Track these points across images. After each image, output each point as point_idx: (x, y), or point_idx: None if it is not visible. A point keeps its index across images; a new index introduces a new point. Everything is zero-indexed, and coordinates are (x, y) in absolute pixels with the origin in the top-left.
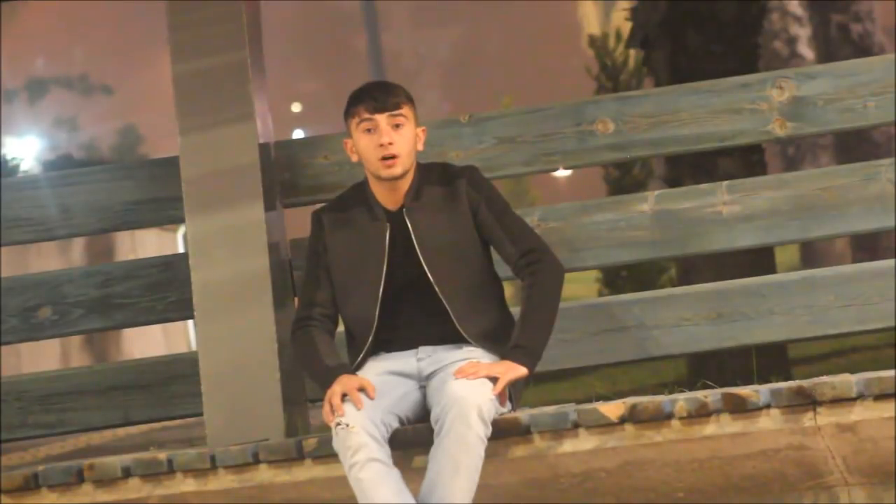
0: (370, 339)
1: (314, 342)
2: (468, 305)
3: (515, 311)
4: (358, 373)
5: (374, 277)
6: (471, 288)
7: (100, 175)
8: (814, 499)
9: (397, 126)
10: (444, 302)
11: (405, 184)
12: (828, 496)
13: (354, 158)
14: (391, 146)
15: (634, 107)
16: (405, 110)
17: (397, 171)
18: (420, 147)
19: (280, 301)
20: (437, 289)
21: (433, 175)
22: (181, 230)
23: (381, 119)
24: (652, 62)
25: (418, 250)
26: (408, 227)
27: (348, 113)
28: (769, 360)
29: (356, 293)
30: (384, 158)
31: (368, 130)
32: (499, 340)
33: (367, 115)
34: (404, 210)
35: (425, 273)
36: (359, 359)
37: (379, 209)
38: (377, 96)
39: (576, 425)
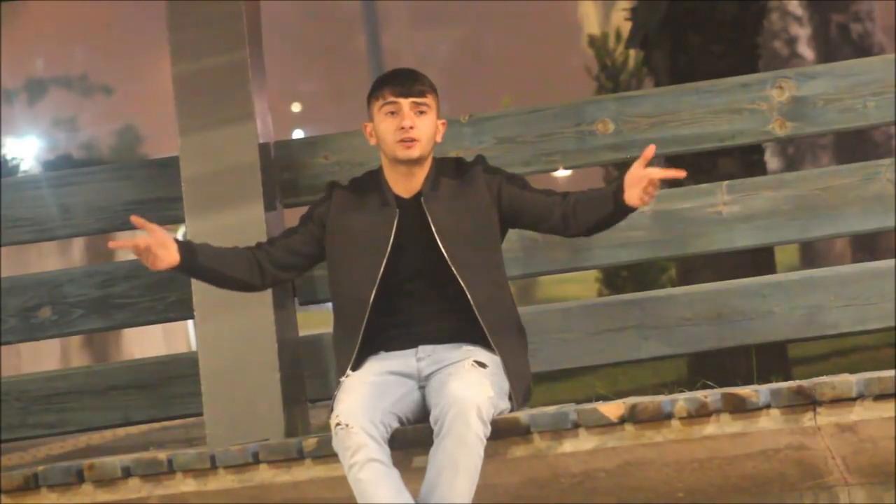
0: (364, 323)
1: (230, 249)
2: (487, 293)
3: (519, 310)
4: (358, 372)
5: (374, 260)
6: (489, 276)
7: (100, 175)
8: (814, 499)
9: (420, 113)
10: (465, 289)
11: (422, 172)
12: (828, 496)
13: (372, 141)
14: (412, 130)
15: (634, 107)
16: (429, 99)
17: (415, 153)
18: (439, 139)
19: (280, 301)
20: (457, 276)
21: (448, 167)
22: (181, 230)
23: (405, 103)
24: (652, 62)
25: (437, 238)
26: (423, 215)
27: (372, 95)
28: (769, 360)
29: (352, 272)
30: (403, 140)
31: (391, 113)
32: (510, 333)
33: (391, 98)
34: (421, 197)
35: (439, 262)
36: (356, 345)
37: (390, 195)
38: (403, 81)
39: (576, 425)
